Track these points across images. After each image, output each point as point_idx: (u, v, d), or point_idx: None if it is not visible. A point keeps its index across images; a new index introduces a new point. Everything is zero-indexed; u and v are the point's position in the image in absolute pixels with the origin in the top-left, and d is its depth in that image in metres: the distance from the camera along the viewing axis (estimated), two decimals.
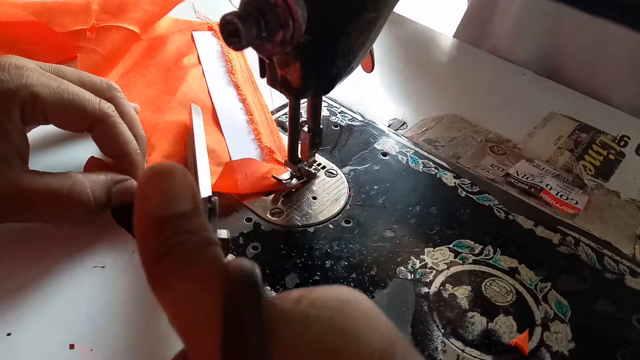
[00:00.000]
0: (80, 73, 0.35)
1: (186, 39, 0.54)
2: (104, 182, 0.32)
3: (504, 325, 0.31)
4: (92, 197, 0.31)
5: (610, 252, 0.37)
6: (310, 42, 0.27)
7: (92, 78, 0.36)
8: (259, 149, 0.42)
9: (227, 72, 0.51)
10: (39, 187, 0.30)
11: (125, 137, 0.34)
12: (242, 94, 0.48)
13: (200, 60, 0.51)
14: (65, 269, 0.31)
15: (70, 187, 0.30)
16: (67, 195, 0.30)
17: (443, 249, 0.36)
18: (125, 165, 0.34)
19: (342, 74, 0.31)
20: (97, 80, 0.36)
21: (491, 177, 0.43)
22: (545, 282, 0.34)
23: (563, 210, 0.40)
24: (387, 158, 0.43)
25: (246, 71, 0.51)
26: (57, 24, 0.44)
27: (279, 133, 0.44)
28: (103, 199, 0.32)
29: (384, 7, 0.30)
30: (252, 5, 0.23)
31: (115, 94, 0.36)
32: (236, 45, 0.23)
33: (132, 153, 0.34)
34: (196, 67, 0.50)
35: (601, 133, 0.50)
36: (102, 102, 0.33)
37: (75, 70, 0.35)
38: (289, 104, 0.35)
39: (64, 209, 0.31)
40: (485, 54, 0.64)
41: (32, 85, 0.30)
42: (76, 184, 0.31)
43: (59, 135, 0.40)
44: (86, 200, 0.31)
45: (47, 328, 0.28)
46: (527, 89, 0.56)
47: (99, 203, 0.32)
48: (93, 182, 0.32)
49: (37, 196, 0.30)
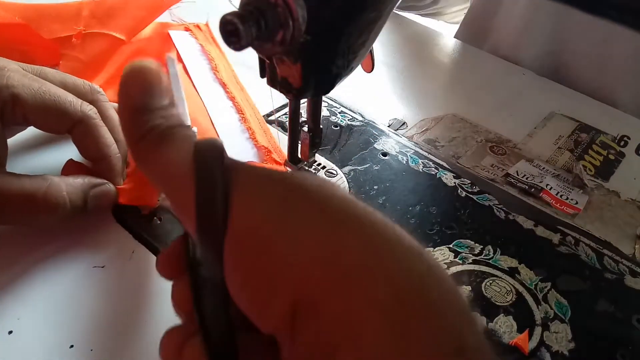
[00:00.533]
0: (64, 75, 0.35)
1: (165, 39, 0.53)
2: (80, 185, 0.32)
3: (504, 325, 0.31)
4: (68, 201, 0.31)
5: (610, 252, 0.37)
6: (310, 42, 0.26)
7: (75, 80, 0.35)
8: (255, 148, 0.42)
9: (212, 69, 0.50)
10: (14, 189, 0.29)
11: (106, 140, 0.34)
12: (230, 92, 0.47)
13: (181, 59, 0.50)
14: (65, 268, 0.31)
15: (46, 190, 0.30)
16: (43, 198, 0.30)
17: (443, 249, 0.36)
18: (104, 168, 0.34)
19: (342, 74, 0.31)
20: (80, 83, 0.35)
21: (491, 177, 0.43)
22: (545, 282, 0.34)
23: (563, 210, 0.40)
24: (387, 158, 0.43)
25: (230, 71, 0.51)
26: (45, 30, 0.44)
27: (271, 133, 0.44)
28: (79, 202, 0.31)
29: (384, 7, 0.30)
30: (252, 5, 0.23)
31: (98, 97, 0.36)
32: (236, 45, 0.23)
33: (112, 156, 0.34)
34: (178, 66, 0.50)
35: (601, 133, 0.50)
36: (84, 104, 0.33)
37: (58, 72, 0.35)
38: (289, 104, 0.35)
39: (40, 212, 0.30)
40: (486, 54, 0.64)
41: (13, 87, 0.30)
42: (52, 187, 0.30)
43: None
44: (62, 204, 0.30)
45: (47, 327, 0.28)
46: (527, 89, 0.56)
47: (75, 207, 0.31)
48: (69, 186, 0.31)
49: (12, 198, 0.29)
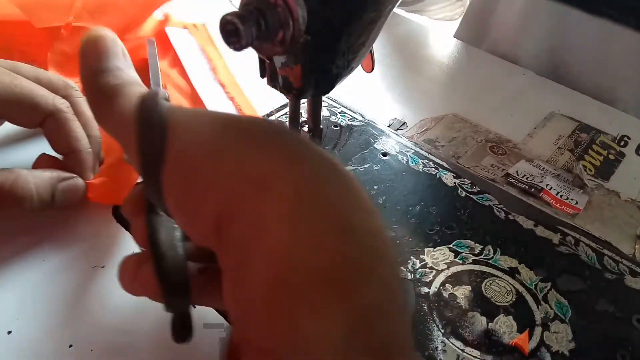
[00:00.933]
0: (38, 70, 0.35)
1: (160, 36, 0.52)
2: (49, 178, 0.32)
3: (504, 325, 0.31)
4: (35, 194, 0.31)
5: (610, 252, 0.37)
6: (310, 42, 0.26)
7: (50, 75, 0.35)
8: None
9: (211, 70, 0.50)
10: None
11: (76, 134, 0.34)
12: (229, 92, 0.47)
13: (178, 57, 0.50)
14: (65, 268, 0.31)
15: (12, 182, 0.30)
16: (9, 190, 0.30)
17: (443, 249, 0.36)
18: (74, 162, 0.34)
19: (342, 74, 0.31)
20: (54, 78, 0.35)
21: (491, 177, 0.43)
22: (545, 282, 0.34)
23: (563, 210, 0.40)
24: (387, 158, 0.43)
25: (229, 71, 0.51)
26: (37, 19, 0.43)
27: None
28: (46, 196, 0.31)
29: (384, 7, 0.30)
30: (252, 5, 0.23)
31: (72, 92, 0.36)
32: (236, 45, 0.23)
33: (82, 151, 0.34)
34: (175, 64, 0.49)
35: (601, 133, 0.50)
36: (56, 98, 0.33)
37: (32, 67, 0.35)
38: (289, 104, 0.35)
39: (6, 205, 0.30)
40: (486, 54, 0.64)
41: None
42: (19, 179, 0.30)
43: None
44: (28, 197, 0.30)
45: (47, 327, 0.28)
46: (527, 89, 0.56)
47: (42, 200, 0.31)
48: (37, 178, 0.31)
49: None
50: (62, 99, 0.34)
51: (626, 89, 0.57)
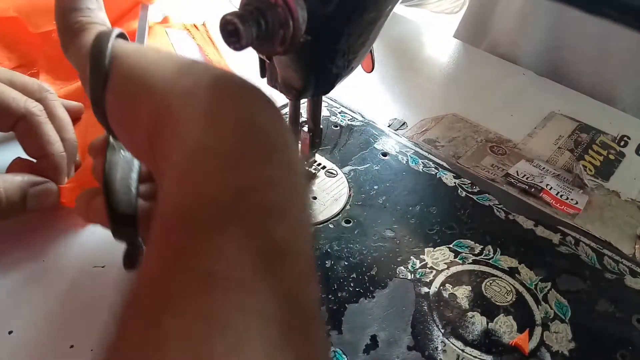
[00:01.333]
0: (12, 73, 0.35)
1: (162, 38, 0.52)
2: (19, 182, 0.31)
3: (504, 325, 0.31)
4: (4, 198, 0.30)
5: (610, 252, 0.37)
6: (310, 42, 0.26)
7: (24, 79, 0.35)
8: None
9: None
10: None
11: (49, 137, 0.33)
12: None
13: None
14: (65, 268, 0.31)
15: None
16: None
17: (443, 249, 0.36)
18: (47, 166, 0.33)
19: (342, 74, 0.31)
20: (28, 81, 0.35)
21: (491, 177, 0.43)
22: (545, 282, 0.34)
23: (563, 210, 0.40)
24: (387, 158, 0.43)
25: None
26: (33, 24, 0.43)
27: None
28: (16, 199, 0.31)
29: (384, 7, 0.30)
30: (252, 5, 0.23)
31: (46, 95, 0.35)
32: (236, 45, 0.23)
33: (54, 154, 0.33)
34: None
35: (601, 133, 0.50)
36: (28, 101, 0.33)
37: (6, 70, 0.35)
38: (289, 104, 0.35)
39: None
40: (486, 54, 0.64)
41: None
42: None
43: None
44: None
45: (47, 327, 0.28)
46: (527, 89, 0.56)
47: (12, 204, 0.31)
48: (7, 182, 0.31)
49: None
50: (34, 102, 0.33)
51: (626, 89, 0.57)
